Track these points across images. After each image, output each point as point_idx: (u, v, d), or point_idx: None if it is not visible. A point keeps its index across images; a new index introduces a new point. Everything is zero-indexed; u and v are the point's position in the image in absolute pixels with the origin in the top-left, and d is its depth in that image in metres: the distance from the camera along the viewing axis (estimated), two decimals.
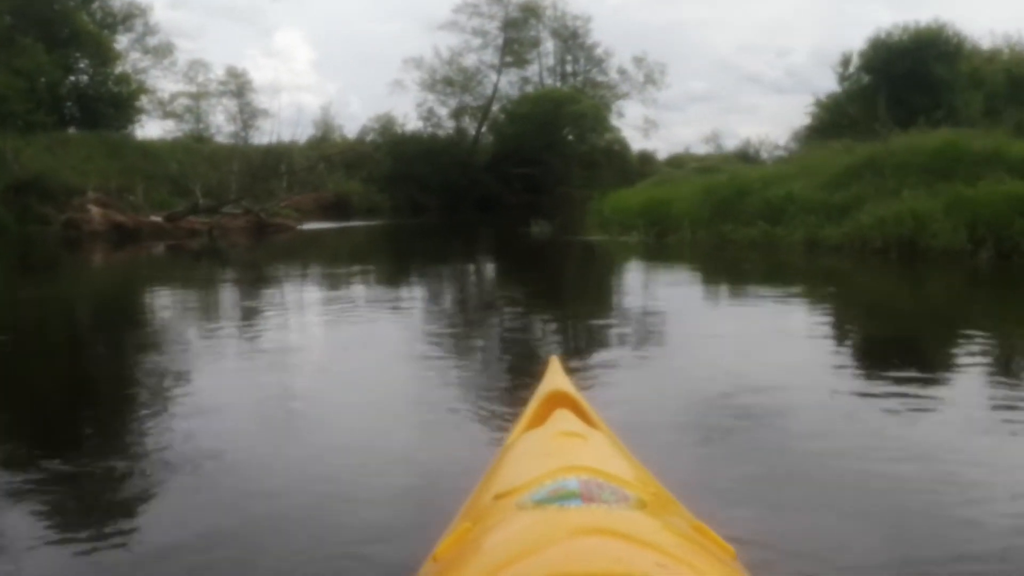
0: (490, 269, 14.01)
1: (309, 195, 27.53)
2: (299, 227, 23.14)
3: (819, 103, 36.36)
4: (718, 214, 13.90)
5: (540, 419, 2.28)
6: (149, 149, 30.52)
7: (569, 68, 56.59)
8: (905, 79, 25.02)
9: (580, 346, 6.23)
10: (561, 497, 1.40)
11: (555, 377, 2.63)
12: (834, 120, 27.62)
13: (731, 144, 72.25)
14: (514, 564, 1.19)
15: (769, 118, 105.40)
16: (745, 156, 74.94)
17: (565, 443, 1.90)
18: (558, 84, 52.83)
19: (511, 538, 1.34)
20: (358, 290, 10.10)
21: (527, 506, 1.42)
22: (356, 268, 13.01)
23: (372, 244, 20.85)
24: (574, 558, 1.16)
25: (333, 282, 10.86)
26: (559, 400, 2.39)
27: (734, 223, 13.27)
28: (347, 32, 75.77)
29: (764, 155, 72.26)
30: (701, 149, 63.06)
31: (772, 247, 12.44)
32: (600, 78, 54.21)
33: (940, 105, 24.42)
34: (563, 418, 2.20)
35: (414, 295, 9.87)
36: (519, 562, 1.19)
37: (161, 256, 17.29)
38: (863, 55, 26.46)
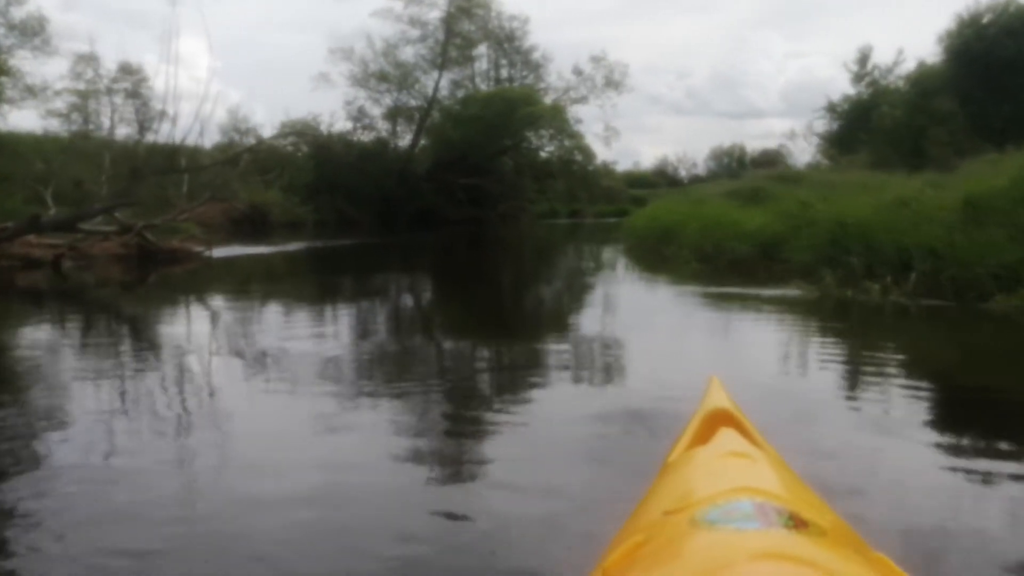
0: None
1: (217, 205, 19.69)
2: (207, 253, 15.41)
3: (832, 107, 32.09)
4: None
5: (703, 437, 2.11)
6: (6, 143, 22.02)
7: (504, 73, 50.66)
8: (1009, 67, 19.67)
9: None
10: (737, 519, 1.31)
11: (717, 395, 2.37)
12: (909, 119, 22.06)
13: (647, 163, 69.22)
14: None
15: (670, 137, 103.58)
16: (663, 174, 71.36)
17: (734, 463, 1.76)
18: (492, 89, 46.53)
19: (689, 557, 1.26)
20: None
21: (701, 525, 1.33)
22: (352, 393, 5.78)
23: (327, 290, 13.61)
24: None
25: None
26: (723, 419, 2.20)
27: None
28: (249, 40, 70.19)
29: (683, 173, 69.56)
30: (620, 167, 58.20)
31: None
32: (540, 85, 48.22)
33: None
34: (729, 437, 2.02)
35: None
36: None
37: None
38: (949, 36, 20.92)
